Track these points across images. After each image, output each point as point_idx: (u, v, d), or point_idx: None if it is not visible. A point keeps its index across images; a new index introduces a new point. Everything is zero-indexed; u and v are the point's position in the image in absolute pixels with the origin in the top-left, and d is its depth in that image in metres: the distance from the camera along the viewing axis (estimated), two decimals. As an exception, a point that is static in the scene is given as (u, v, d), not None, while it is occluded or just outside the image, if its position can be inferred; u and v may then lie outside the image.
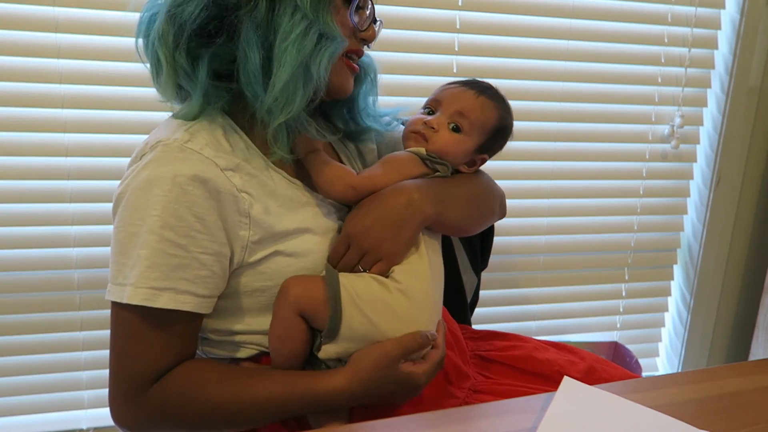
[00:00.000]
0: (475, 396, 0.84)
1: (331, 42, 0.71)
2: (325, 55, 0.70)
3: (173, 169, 0.67)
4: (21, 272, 1.20)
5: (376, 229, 0.74)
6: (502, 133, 0.86)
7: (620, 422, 0.62)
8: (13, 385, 1.26)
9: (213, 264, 0.69)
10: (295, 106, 0.70)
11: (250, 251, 0.72)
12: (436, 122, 0.82)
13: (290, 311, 0.72)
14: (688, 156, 1.60)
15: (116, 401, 0.71)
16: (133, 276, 0.67)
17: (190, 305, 0.69)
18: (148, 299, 0.66)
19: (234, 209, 0.70)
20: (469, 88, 0.84)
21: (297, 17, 0.68)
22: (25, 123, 1.14)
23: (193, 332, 0.73)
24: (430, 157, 0.81)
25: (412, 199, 0.76)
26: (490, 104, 0.84)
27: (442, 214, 0.79)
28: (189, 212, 0.67)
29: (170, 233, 0.67)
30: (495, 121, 0.84)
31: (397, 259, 0.76)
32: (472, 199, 0.85)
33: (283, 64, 0.68)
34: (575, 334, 1.63)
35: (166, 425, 0.71)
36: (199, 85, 0.71)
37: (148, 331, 0.69)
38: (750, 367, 0.77)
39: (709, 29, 1.50)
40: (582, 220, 1.56)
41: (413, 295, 0.74)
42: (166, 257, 0.67)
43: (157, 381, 0.70)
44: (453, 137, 0.82)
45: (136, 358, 0.69)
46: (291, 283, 0.73)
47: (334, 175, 0.77)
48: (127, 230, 0.68)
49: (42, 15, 1.10)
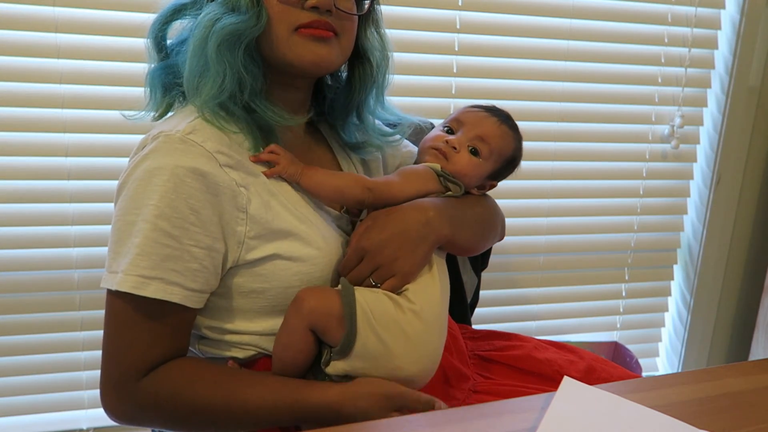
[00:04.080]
0: (474, 396, 0.84)
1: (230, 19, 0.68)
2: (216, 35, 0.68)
3: (173, 160, 0.67)
4: (21, 272, 1.20)
5: (392, 245, 0.74)
6: (513, 163, 0.88)
7: (620, 422, 0.62)
8: (13, 385, 1.26)
9: (204, 258, 0.69)
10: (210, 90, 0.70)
11: (246, 248, 0.72)
12: (458, 142, 0.82)
13: (302, 324, 0.71)
14: (688, 156, 1.60)
15: (106, 389, 0.71)
16: (124, 263, 0.67)
17: (179, 297, 0.68)
18: (136, 287, 0.66)
19: (232, 204, 0.70)
20: (492, 115, 0.85)
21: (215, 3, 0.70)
22: (25, 123, 1.14)
23: (184, 326, 0.73)
24: (444, 174, 0.81)
25: (430, 217, 0.76)
26: (510, 134, 0.85)
27: (455, 235, 0.79)
28: (185, 204, 0.67)
29: (164, 223, 0.66)
30: (511, 150, 0.86)
31: (411, 277, 0.75)
32: (480, 222, 0.86)
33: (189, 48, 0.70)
34: (575, 334, 1.63)
35: (155, 419, 0.72)
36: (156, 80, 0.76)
37: (139, 320, 0.69)
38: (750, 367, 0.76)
39: (709, 29, 1.50)
40: (582, 220, 1.56)
41: (425, 317, 0.74)
42: (157, 247, 0.67)
43: (149, 373, 0.70)
44: (472, 160, 0.82)
45: (127, 347, 0.69)
46: (306, 295, 0.72)
47: (348, 180, 0.77)
48: (125, 219, 0.68)
49: (42, 15, 1.10)
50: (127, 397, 0.70)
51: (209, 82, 0.70)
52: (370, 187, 0.77)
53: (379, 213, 0.77)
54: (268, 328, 0.75)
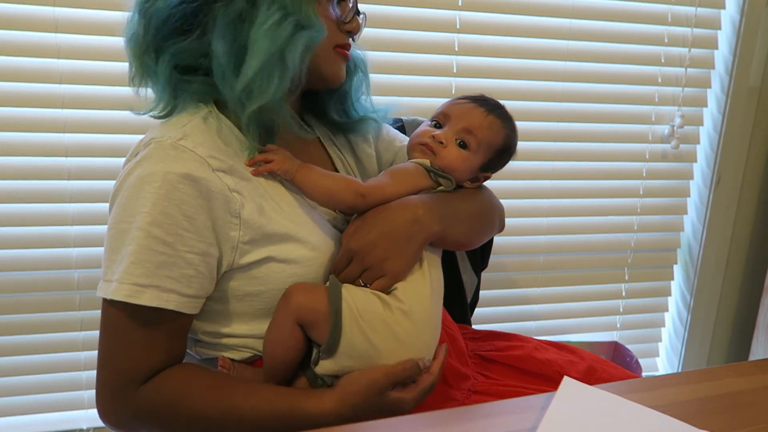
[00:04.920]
0: (474, 397, 0.84)
1: (308, 31, 0.70)
2: (300, 44, 0.70)
3: (165, 167, 0.67)
4: (21, 272, 1.20)
5: (380, 245, 0.74)
6: (507, 152, 0.86)
7: (620, 422, 0.62)
8: (13, 385, 1.26)
9: (199, 264, 0.69)
10: (269, 94, 0.69)
11: (240, 252, 0.72)
12: (444, 137, 0.81)
13: (289, 318, 0.71)
14: (688, 156, 1.60)
15: (102, 398, 0.71)
16: (118, 272, 0.67)
17: (175, 304, 0.68)
18: (131, 296, 0.66)
19: (224, 209, 0.70)
20: (479, 106, 0.83)
21: (273, 8, 0.69)
22: (25, 123, 1.14)
23: (180, 332, 0.72)
24: (434, 170, 0.80)
25: (418, 215, 0.76)
26: (499, 123, 0.83)
27: (446, 231, 0.79)
28: (178, 210, 0.67)
29: (158, 230, 0.66)
30: (502, 140, 0.84)
31: (401, 276, 0.75)
32: (474, 215, 0.85)
33: (255, 52, 0.68)
34: (575, 334, 1.63)
35: (151, 427, 0.71)
36: (161, 78, 0.72)
37: (134, 328, 0.68)
38: (750, 367, 0.76)
39: (709, 29, 1.50)
40: (582, 220, 1.56)
41: (414, 317, 0.74)
42: (151, 254, 0.66)
43: (146, 382, 0.70)
44: (460, 153, 0.81)
45: (124, 355, 0.69)
46: (295, 290, 0.72)
47: (341, 185, 0.77)
48: (118, 227, 0.68)
49: (42, 15, 1.10)
50: (123, 405, 0.69)
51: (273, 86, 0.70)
52: (362, 193, 0.76)
53: (368, 213, 0.77)
54: (264, 330, 0.75)
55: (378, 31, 1.27)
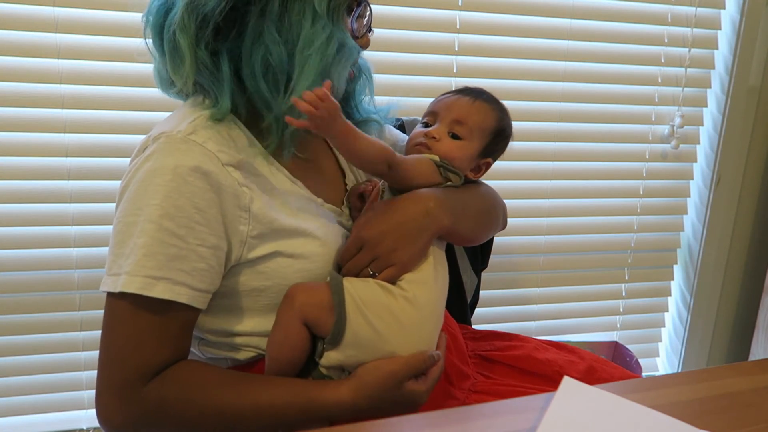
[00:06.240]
0: (474, 396, 0.84)
1: (349, 51, 0.73)
2: (347, 65, 0.73)
3: (175, 160, 0.67)
4: (21, 272, 1.20)
5: (391, 236, 0.74)
6: (503, 134, 0.87)
7: (620, 422, 0.62)
8: (13, 385, 1.26)
9: (210, 257, 0.69)
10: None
11: (249, 247, 0.72)
12: (437, 132, 0.82)
13: (294, 319, 0.71)
14: (688, 156, 1.60)
15: (105, 398, 0.68)
16: (128, 264, 0.66)
17: (186, 297, 0.67)
18: (143, 287, 0.65)
19: (234, 204, 0.70)
20: (463, 95, 0.85)
21: (318, 25, 0.69)
22: (25, 123, 1.14)
23: (187, 328, 0.72)
24: (444, 165, 0.81)
25: (429, 208, 0.77)
26: (486, 107, 0.85)
27: (455, 225, 0.79)
28: (189, 203, 0.67)
29: (169, 223, 0.66)
30: (494, 123, 0.85)
31: (410, 267, 0.76)
32: (481, 211, 0.86)
33: (305, 71, 0.69)
34: (575, 334, 1.63)
35: (159, 425, 0.69)
36: (226, 83, 0.71)
37: (143, 322, 0.67)
38: (750, 367, 0.76)
39: (709, 29, 1.50)
40: (582, 220, 1.56)
41: (418, 304, 0.74)
42: (164, 246, 0.66)
43: (153, 378, 0.68)
44: (455, 144, 0.82)
45: (131, 350, 0.67)
46: (296, 291, 0.73)
47: (375, 146, 0.75)
48: (126, 221, 0.68)
49: (42, 15, 1.10)
50: (130, 403, 0.67)
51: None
52: (390, 163, 0.76)
53: (380, 204, 0.78)
54: (268, 326, 0.75)
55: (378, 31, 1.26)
